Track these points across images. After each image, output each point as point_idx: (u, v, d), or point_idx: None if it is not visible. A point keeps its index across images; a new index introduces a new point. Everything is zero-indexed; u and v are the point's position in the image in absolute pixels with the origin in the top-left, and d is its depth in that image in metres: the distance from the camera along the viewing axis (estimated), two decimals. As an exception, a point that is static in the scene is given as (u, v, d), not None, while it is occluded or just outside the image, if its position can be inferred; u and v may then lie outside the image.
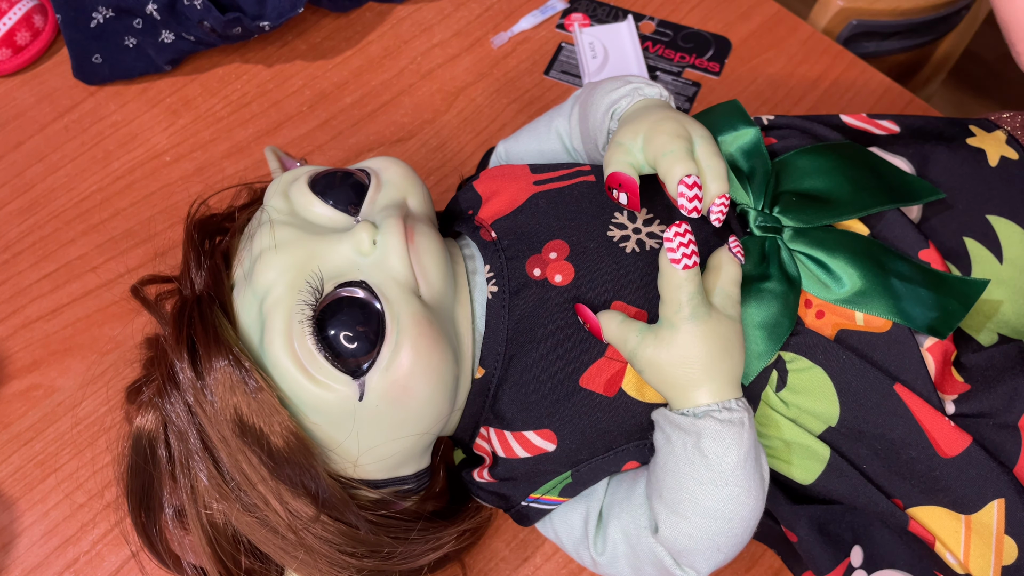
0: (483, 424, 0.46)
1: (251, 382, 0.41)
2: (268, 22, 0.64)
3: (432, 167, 0.65)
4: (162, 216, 0.63)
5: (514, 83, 0.68)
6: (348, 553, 0.43)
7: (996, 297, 0.46)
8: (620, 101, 0.48)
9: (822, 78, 0.68)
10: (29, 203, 0.64)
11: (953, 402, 0.44)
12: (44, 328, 0.59)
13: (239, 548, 0.44)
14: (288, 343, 0.41)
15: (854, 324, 0.44)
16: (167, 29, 0.66)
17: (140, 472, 0.45)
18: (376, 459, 0.43)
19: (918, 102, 0.67)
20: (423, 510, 0.47)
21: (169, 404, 0.43)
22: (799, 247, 0.45)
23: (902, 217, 0.46)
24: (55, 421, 0.56)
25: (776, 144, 0.49)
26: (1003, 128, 0.50)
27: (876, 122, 0.52)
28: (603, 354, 0.44)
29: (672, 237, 0.40)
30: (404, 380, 0.41)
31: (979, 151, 0.49)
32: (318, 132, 0.67)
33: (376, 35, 0.71)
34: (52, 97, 0.68)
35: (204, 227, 0.49)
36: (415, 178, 0.48)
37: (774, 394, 0.44)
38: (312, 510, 0.42)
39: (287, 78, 0.69)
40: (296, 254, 0.43)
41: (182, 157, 0.66)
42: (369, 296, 0.42)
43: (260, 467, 0.41)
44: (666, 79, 0.68)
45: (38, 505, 0.54)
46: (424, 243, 0.44)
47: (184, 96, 0.68)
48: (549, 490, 0.46)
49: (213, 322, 0.42)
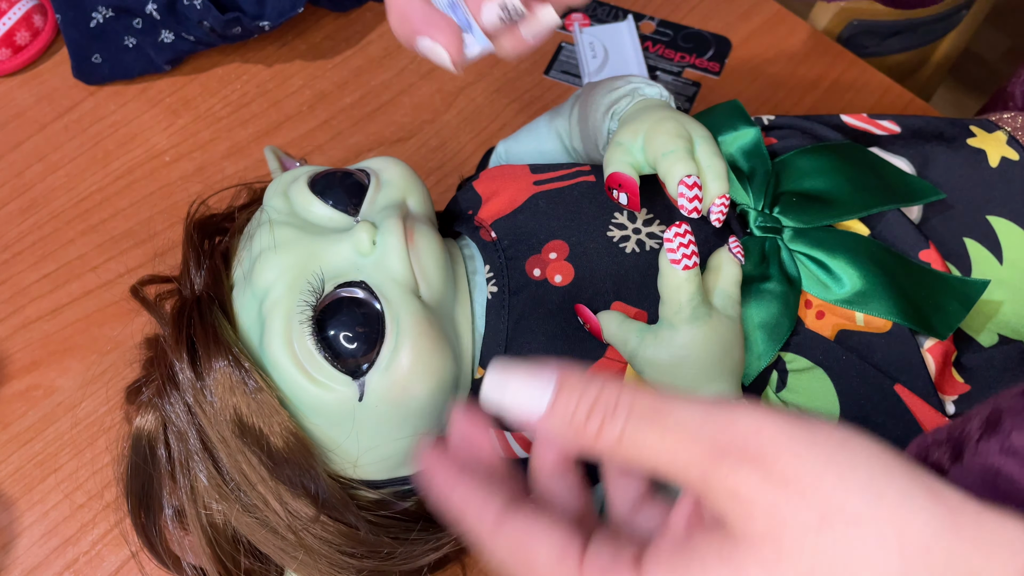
0: (483, 424, 0.46)
1: (251, 382, 0.41)
2: (268, 22, 0.64)
3: (432, 167, 0.65)
4: (162, 216, 0.63)
5: (514, 83, 0.68)
6: (348, 554, 0.43)
7: (996, 298, 0.46)
8: (620, 101, 0.48)
9: (822, 78, 0.68)
10: (28, 203, 0.64)
11: (953, 403, 0.44)
12: (43, 328, 0.59)
13: (239, 548, 0.44)
14: (288, 343, 0.41)
15: (854, 324, 0.44)
16: (167, 29, 0.66)
17: (140, 472, 0.45)
18: (376, 459, 0.43)
19: (918, 102, 0.67)
20: (423, 510, 0.47)
21: (169, 404, 0.43)
22: (799, 247, 0.45)
23: (902, 218, 0.46)
24: (55, 421, 0.56)
25: (776, 144, 0.49)
26: (1004, 129, 0.50)
27: (877, 122, 0.52)
28: (603, 354, 0.44)
29: (672, 237, 0.40)
30: (404, 380, 0.41)
31: (980, 152, 0.49)
32: (318, 132, 0.66)
33: (376, 35, 0.71)
34: (52, 97, 0.68)
35: (204, 227, 0.49)
36: (415, 178, 0.48)
37: (774, 394, 0.44)
38: (312, 511, 0.42)
39: (287, 78, 0.69)
40: (296, 254, 0.43)
41: (182, 157, 0.66)
42: (369, 296, 0.42)
43: (260, 467, 0.41)
44: (666, 79, 0.68)
45: (38, 505, 0.54)
46: (424, 243, 0.44)
47: (184, 96, 0.68)
48: (549, 490, 0.46)
49: (213, 322, 0.42)
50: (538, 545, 0.28)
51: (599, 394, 0.26)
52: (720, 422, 0.25)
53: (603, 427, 0.26)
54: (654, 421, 0.26)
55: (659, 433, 0.25)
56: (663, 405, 0.26)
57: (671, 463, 0.26)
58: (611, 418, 0.26)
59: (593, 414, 0.26)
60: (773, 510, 0.25)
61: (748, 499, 0.25)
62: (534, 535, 0.28)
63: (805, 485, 0.25)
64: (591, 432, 0.26)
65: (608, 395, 0.26)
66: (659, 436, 0.25)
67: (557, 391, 0.27)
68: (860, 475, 0.25)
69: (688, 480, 0.26)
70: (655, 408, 0.26)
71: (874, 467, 0.25)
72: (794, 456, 0.25)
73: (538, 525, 0.28)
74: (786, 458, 0.25)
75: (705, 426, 0.25)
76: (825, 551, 0.25)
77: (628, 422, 0.26)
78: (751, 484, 0.25)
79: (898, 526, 0.24)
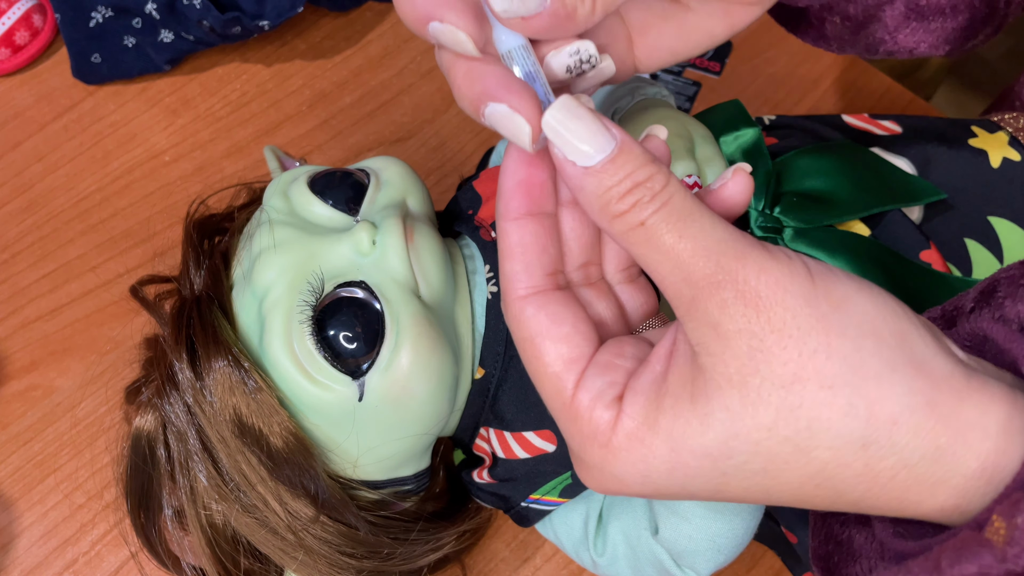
0: (483, 424, 0.46)
1: (250, 382, 0.41)
2: (267, 21, 0.64)
3: (432, 167, 0.65)
4: (161, 216, 0.63)
5: (514, 83, 0.68)
6: (348, 554, 0.43)
7: (997, 298, 0.46)
8: (621, 100, 0.48)
9: (822, 78, 0.68)
10: (28, 203, 0.64)
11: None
12: (43, 328, 0.59)
13: (238, 549, 0.44)
14: (287, 343, 0.41)
15: (855, 325, 0.44)
16: (166, 28, 0.65)
17: (139, 473, 0.45)
18: (376, 460, 0.43)
19: (919, 102, 0.67)
20: (423, 511, 0.47)
21: (168, 405, 0.43)
22: (800, 247, 0.45)
23: (903, 218, 0.46)
24: (54, 422, 0.56)
25: (777, 144, 0.49)
26: (1006, 129, 0.50)
27: (878, 122, 0.52)
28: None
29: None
30: (404, 380, 0.41)
31: (981, 152, 0.49)
32: (317, 132, 0.66)
33: (376, 34, 0.71)
34: (51, 97, 0.68)
35: (203, 227, 0.49)
36: (415, 178, 0.48)
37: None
38: (311, 511, 0.42)
39: (286, 77, 0.69)
40: (295, 254, 0.43)
41: (181, 157, 0.65)
42: (369, 296, 0.42)
43: (259, 468, 0.41)
44: (666, 79, 0.68)
45: (37, 506, 0.54)
46: (424, 243, 0.43)
47: (183, 96, 0.68)
48: (549, 491, 0.46)
49: (212, 322, 0.42)
50: (551, 346, 0.28)
51: (647, 179, 0.25)
52: (733, 251, 0.25)
53: (634, 207, 0.25)
54: (680, 222, 0.25)
55: (677, 236, 0.25)
56: (695, 213, 0.25)
57: (671, 272, 0.25)
58: (644, 204, 0.25)
59: (631, 193, 0.25)
60: (748, 356, 0.25)
61: (727, 336, 0.25)
62: (552, 336, 0.28)
63: (787, 340, 0.24)
64: (621, 207, 0.25)
65: (655, 183, 0.25)
66: (676, 239, 0.25)
67: (613, 155, 0.26)
68: (846, 342, 0.24)
69: (679, 297, 0.26)
70: (688, 211, 0.25)
71: (864, 333, 0.25)
72: (786, 309, 0.24)
73: (559, 327, 0.28)
74: (779, 310, 0.24)
75: (718, 247, 0.25)
76: (791, 408, 0.24)
77: (657, 213, 0.25)
78: (735, 322, 0.25)
79: (870, 396, 0.24)
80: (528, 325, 0.28)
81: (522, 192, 0.28)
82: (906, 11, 0.42)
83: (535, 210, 0.29)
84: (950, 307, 0.31)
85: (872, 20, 0.43)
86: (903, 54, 0.45)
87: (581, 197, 0.26)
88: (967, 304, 0.30)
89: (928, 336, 0.26)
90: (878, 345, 0.25)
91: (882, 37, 0.44)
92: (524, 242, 0.28)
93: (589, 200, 0.26)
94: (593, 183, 0.26)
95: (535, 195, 0.28)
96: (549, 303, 0.28)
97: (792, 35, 0.47)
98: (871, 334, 0.25)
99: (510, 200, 0.28)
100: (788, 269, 0.25)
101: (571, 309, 0.28)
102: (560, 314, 0.28)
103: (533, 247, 0.28)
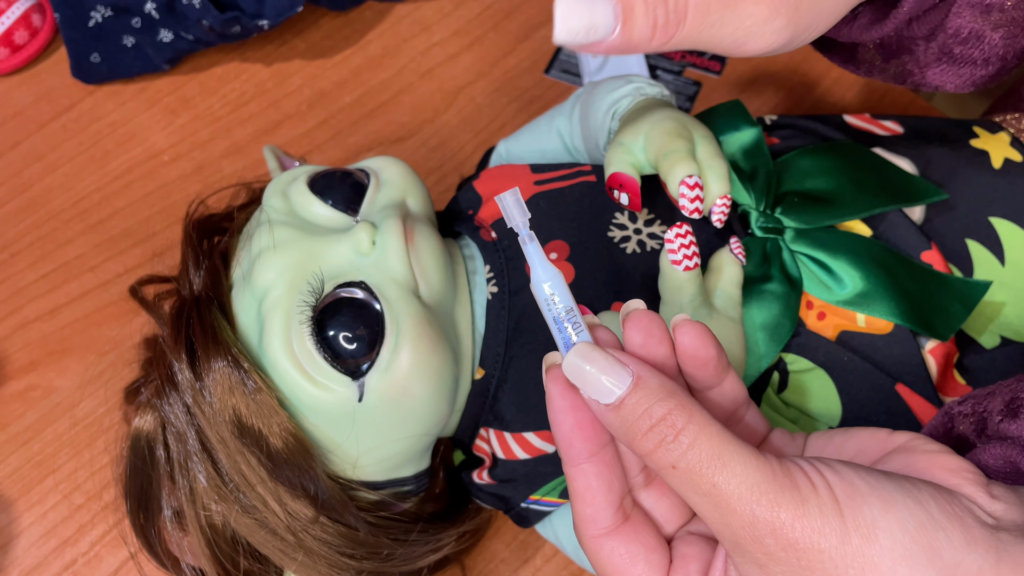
0: (483, 425, 0.46)
1: (250, 383, 0.41)
2: (267, 21, 0.64)
3: (432, 167, 0.65)
4: (160, 216, 0.63)
5: (514, 82, 0.68)
6: (347, 555, 0.43)
7: (998, 299, 0.46)
8: (621, 100, 0.48)
9: (823, 78, 0.67)
10: (27, 203, 0.64)
11: (955, 404, 0.44)
12: (42, 328, 0.59)
13: (238, 549, 0.44)
14: (287, 344, 0.41)
15: (855, 326, 0.44)
16: (166, 28, 0.65)
17: (138, 473, 0.45)
18: (375, 460, 0.43)
19: (920, 102, 0.66)
20: (423, 511, 0.47)
21: (167, 405, 0.42)
22: (801, 248, 0.45)
23: (905, 218, 0.46)
24: (53, 422, 0.56)
25: (778, 144, 0.49)
26: (1007, 130, 0.50)
27: (879, 122, 0.52)
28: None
29: (673, 238, 0.40)
30: (403, 381, 0.41)
31: (983, 153, 0.49)
32: (317, 131, 0.66)
33: (375, 34, 0.70)
34: (50, 96, 0.68)
35: (202, 227, 0.49)
36: (415, 178, 0.48)
37: (775, 395, 0.44)
38: (311, 511, 0.42)
39: (286, 77, 0.69)
40: (295, 254, 0.42)
41: (180, 156, 0.65)
42: (368, 297, 0.42)
43: (259, 468, 0.41)
44: (667, 78, 0.68)
45: (36, 506, 0.54)
46: (424, 243, 0.43)
47: (183, 95, 0.68)
48: (549, 491, 0.45)
49: (211, 323, 0.42)
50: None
51: (666, 414, 0.27)
52: (768, 499, 0.26)
53: (660, 447, 0.27)
54: (710, 467, 0.26)
55: (710, 484, 0.26)
56: (725, 454, 0.26)
57: (710, 513, 0.27)
58: (670, 443, 0.27)
59: (654, 431, 0.27)
60: None
61: None
62: (628, 567, 0.30)
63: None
64: (647, 445, 0.27)
65: (675, 419, 0.27)
66: (710, 486, 0.26)
67: (629, 392, 0.27)
68: (881, 574, 0.26)
69: (721, 534, 0.27)
70: (717, 452, 0.26)
71: (896, 559, 0.26)
72: (821, 551, 0.26)
73: (634, 566, 0.30)
74: (814, 553, 0.26)
75: (752, 495, 0.26)
76: None
77: (684, 457, 0.26)
78: (778, 565, 0.26)
79: None
80: (606, 565, 0.30)
81: (578, 435, 0.29)
82: (939, 53, 0.43)
83: (595, 449, 0.30)
84: (979, 407, 0.32)
85: (905, 51, 0.44)
86: (928, 88, 0.46)
87: (613, 432, 0.28)
88: (995, 412, 0.31)
89: (956, 532, 0.26)
90: (911, 570, 0.26)
91: (911, 69, 0.44)
92: (591, 486, 0.30)
93: (618, 435, 0.28)
94: (617, 419, 0.28)
95: (588, 434, 0.29)
96: (622, 542, 0.30)
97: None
98: (904, 558, 0.26)
99: (570, 448, 0.30)
100: (819, 511, 0.26)
101: (642, 541, 0.30)
102: (634, 553, 0.30)
103: (599, 488, 0.30)
